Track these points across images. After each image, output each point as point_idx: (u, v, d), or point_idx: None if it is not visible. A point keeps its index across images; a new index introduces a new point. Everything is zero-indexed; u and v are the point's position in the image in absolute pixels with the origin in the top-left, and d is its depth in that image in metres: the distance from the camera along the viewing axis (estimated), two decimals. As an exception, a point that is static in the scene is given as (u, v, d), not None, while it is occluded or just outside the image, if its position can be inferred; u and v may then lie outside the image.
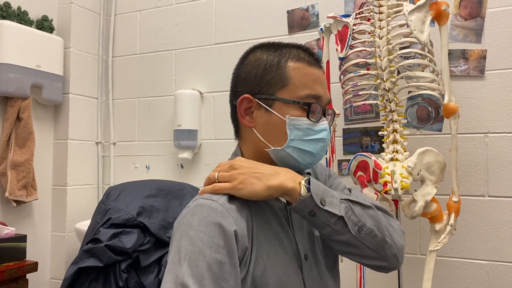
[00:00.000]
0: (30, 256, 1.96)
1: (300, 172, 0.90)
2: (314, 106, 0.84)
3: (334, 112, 0.94)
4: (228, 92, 0.94)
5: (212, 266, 0.72)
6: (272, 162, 0.87)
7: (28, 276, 1.87)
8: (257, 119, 0.87)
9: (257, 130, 0.87)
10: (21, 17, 2.10)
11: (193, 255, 0.73)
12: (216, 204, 0.77)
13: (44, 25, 2.20)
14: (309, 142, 0.84)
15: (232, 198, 0.81)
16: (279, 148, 0.85)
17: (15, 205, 2.03)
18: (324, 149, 0.87)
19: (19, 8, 2.11)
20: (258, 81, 0.87)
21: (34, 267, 1.88)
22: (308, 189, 0.79)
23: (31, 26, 2.14)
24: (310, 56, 0.89)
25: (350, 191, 0.96)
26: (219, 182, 0.82)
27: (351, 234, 0.81)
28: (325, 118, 0.87)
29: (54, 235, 2.27)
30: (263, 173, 0.80)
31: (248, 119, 0.88)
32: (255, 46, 0.93)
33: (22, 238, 1.91)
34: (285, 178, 0.80)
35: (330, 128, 0.90)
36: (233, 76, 0.93)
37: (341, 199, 0.82)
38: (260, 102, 0.86)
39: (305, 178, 0.81)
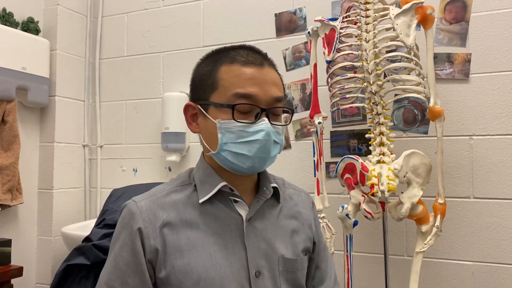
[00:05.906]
0: (15, 261, 1.94)
1: (259, 177, 0.93)
2: (241, 107, 0.81)
3: (292, 111, 0.92)
4: None
5: (119, 263, 0.81)
6: (219, 166, 0.88)
7: (13, 281, 1.85)
8: (200, 124, 0.89)
9: (202, 135, 0.89)
10: (6, 18, 2.07)
11: (111, 252, 0.83)
12: (133, 204, 0.84)
13: (30, 27, 2.18)
14: (243, 144, 0.81)
15: (156, 200, 0.85)
16: (215, 152, 0.85)
17: (-1, 209, 2.00)
18: (264, 150, 0.82)
19: (4, 10, 2.08)
20: (196, 87, 0.89)
21: (19, 272, 1.85)
22: None
23: (16, 28, 2.12)
24: (250, 55, 0.85)
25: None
26: None
27: None
28: (265, 118, 0.82)
29: (40, 239, 2.24)
30: None
31: (195, 125, 0.90)
32: (205, 54, 0.93)
33: (7, 243, 1.88)
34: None
35: (281, 128, 0.86)
36: None
37: None
38: (201, 108, 0.87)
39: None
